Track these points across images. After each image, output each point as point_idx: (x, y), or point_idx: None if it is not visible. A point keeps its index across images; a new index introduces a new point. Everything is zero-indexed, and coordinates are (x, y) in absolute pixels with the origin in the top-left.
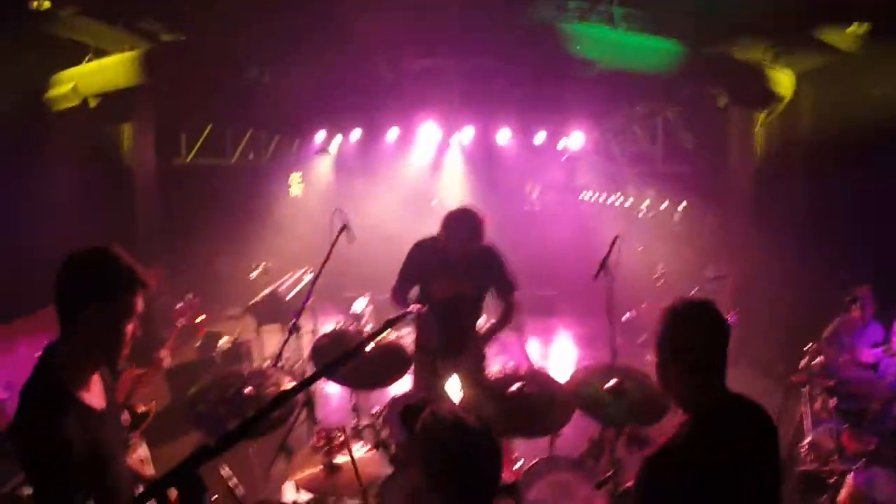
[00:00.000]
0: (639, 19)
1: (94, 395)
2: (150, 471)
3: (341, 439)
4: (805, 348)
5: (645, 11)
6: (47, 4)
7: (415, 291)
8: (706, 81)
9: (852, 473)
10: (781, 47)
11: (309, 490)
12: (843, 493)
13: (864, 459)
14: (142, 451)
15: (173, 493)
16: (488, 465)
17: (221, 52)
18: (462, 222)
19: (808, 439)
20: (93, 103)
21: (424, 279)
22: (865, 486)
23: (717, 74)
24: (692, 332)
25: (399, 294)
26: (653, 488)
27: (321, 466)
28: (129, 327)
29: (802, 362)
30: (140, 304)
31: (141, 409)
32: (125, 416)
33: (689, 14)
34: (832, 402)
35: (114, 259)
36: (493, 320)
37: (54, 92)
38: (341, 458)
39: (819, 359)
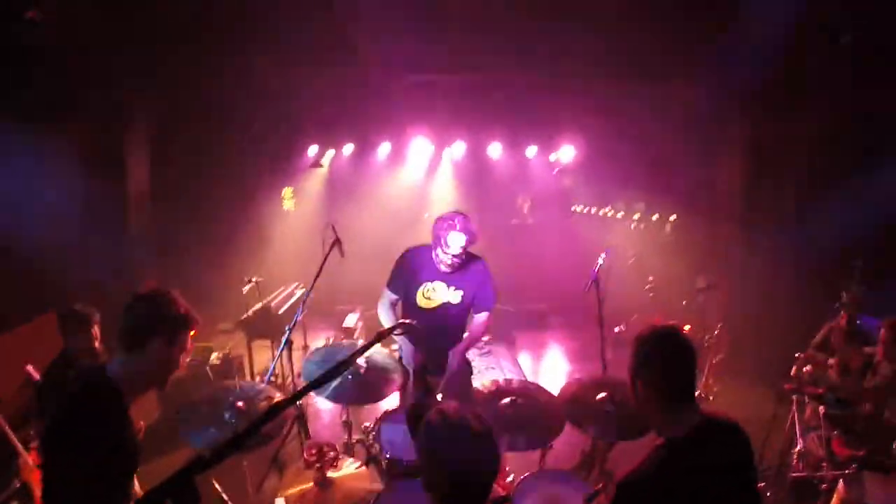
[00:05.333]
0: None
1: (135, 412)
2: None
3: (332, 455)
4: (795, 356)
5: None
6: None
7: (400, 307)
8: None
9: (843, 480)
10: None
11: None
12: (835, 500)
13: (854, 465)
14: None
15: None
16: (484, 468)
17: (217, 67)
18: (465, 222)
19: (798, 447)
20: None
21: (412, 286)
22: (856, 492)
23: None
24: (659, 361)
25: (387, 303)
26: None
27: (312, 482)
28: (182, 358)
29: (792, 370)
30: (191, 342)
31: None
32: None
33: None
34: (822, 409)
35: (177, 301)
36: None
37: None
38: (333, 474)
39: (808, 367)
